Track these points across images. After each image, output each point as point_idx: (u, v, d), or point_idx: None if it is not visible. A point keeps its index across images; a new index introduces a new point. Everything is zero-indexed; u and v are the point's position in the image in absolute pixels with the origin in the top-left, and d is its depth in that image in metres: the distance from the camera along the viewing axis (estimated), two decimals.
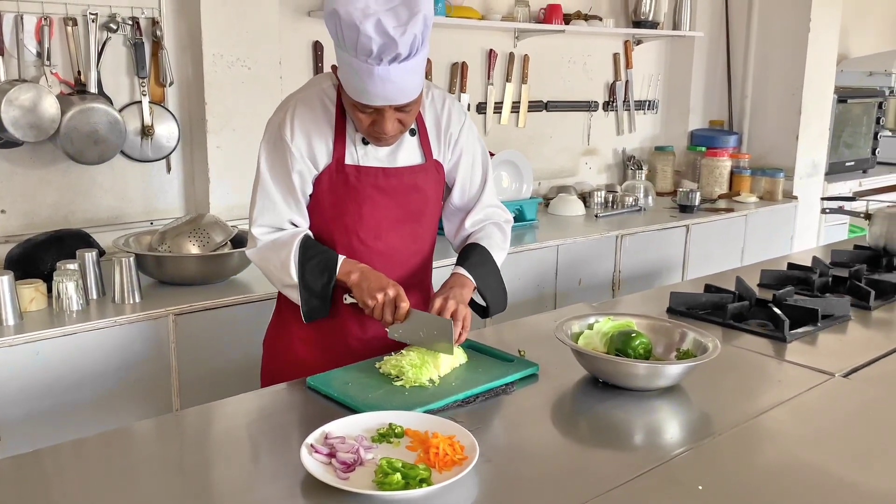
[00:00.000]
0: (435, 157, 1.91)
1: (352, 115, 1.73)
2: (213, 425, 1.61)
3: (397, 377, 1.67)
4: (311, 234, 1.83)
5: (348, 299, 1.81)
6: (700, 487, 1.30)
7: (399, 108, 1.68)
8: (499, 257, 1.98)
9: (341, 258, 1.80)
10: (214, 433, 1.59)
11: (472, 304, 1.90)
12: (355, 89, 1.63)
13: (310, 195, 1.84)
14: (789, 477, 1.36)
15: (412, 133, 1.86)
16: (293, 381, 1.73)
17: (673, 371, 1.67)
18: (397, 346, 1.81)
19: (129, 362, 2.34)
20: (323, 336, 1.89)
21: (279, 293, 1.97)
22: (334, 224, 1.84)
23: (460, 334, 1.77)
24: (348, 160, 1.80)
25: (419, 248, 1.95)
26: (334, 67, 1.75)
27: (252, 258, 1.87)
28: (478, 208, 2.00)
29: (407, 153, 1.86)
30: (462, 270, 1.89)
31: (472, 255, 1.92)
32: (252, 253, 1.86)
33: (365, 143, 1.81)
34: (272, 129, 1.82)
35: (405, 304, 1.73)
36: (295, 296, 1.81)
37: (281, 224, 1.83)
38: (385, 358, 1.72)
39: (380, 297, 1.73)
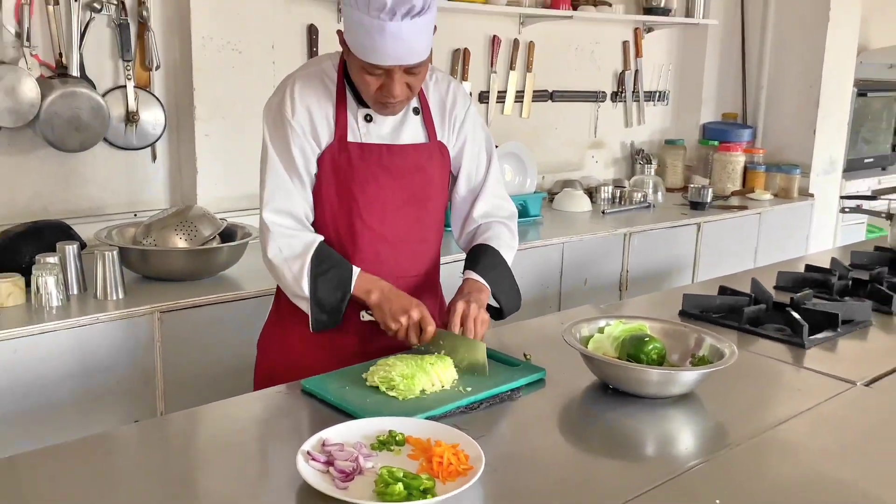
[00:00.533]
0: (439, 137, 1.94)
1: (359, 81, 1.76)
2: (201, 431, 1.60)
3: (389, 389, 1.64)
4: (323, 240, 1.84)
5: (366, 316, 1.82)
6: (717, 502, 1.30)
7: (408, 71, 1.72)
8: (509, 257, 2.01)
9: (356, 272, 1.81)
10: (202, 439, 1.58)
11: (486, 306, 1.91)
12: (365, 49, 1.67)
13: (315, 175, 1.85)
14: (810, 492, 1.36)
15: (416, 112, 1.91)
16: (287, 384, 1.72)
17: (688, 378, 1.67)
18: (408, 347, 1.83)
19: (112, 362, 2.33)
20: (326, 336, 1.89)
21: (278, 290, 1.98)
22: (339, 207, 1.86)
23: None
24: (350, 137, 1.83)
25: (426, 235, 1.97)
26: (340, 33, 1.77)
27: (266, 263, 1.86)
28: (484, 196, 2.03)
29: (410, 131, 1.90)
30: (476, 276, 1.91)
31: (483, 258, 1.95)
32: (268, 259, 1.84)
33: (367, 120, 1.84)
34: (272, 109, 1.85)
35: (431, 328, 1.77)
36: (305, 307, 1.82)
37: (291, 207, 1.83)
38: (371, 368, 1.70)
39: (403, 320, 1.76)
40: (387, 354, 1.77)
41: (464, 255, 2.04)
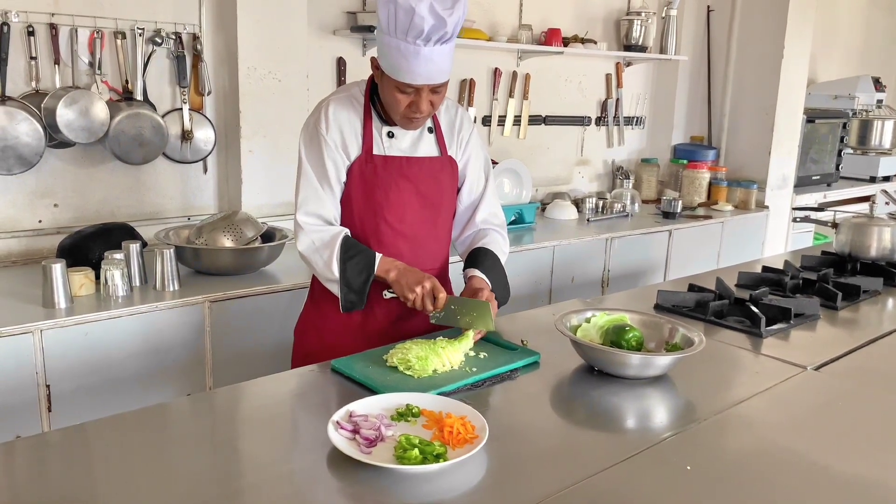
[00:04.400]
0: (449, 153, 1.95)
1: (390, 99, 1.76)
2: (244, 403, 1.60)
3: (406, 369, 1.63)
4: (349, 233, 1.84)
5: (388, 294, 1.81)
6: (688, 468, 1.29)
7: (433, 90, 1.74)
8: (503, 260, 2.02)
9: (378, 256, 1.81)
10: (245, 410, 1.57)
11: None
12: (401, 71, 1.68)
13: (344, 183, 1.85)
14: (766, 460, 1.35)
15: (430, 131, 1.92)
16: (319, 363, 1.71)
17: (662, 362, 1.66)
18: (426, 332, 1.82)
19: (168, 344, 2.33)
20: (355, 323, 1.89)
21: (312, 283, 1.97)
22: (365, 209, 1.86)
23: None
24: (376, 151, 1.84)
25: (439, 234, 1.97)
26: (373, 59, 1.78)
27: (301, 254, 1.86)
28: (483, 206, 2.04)
29: (426, 146, 1.91)
30: (481, 274, 1.92)
31: (485, 260, 1.96)
32: (301, 250, 1.84)
33: (390, 136, 1.85)
34: (310, 127, 1.85)
35: (443, 295, 1.76)
36: (336, 290, 1.82)
37: (322, 211, 1.83)
38: (391, 351, 1.69)
39: (418, 290, 1.75)
40: (405, 338, 1.77)
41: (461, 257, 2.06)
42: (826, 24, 5.62)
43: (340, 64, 3.32)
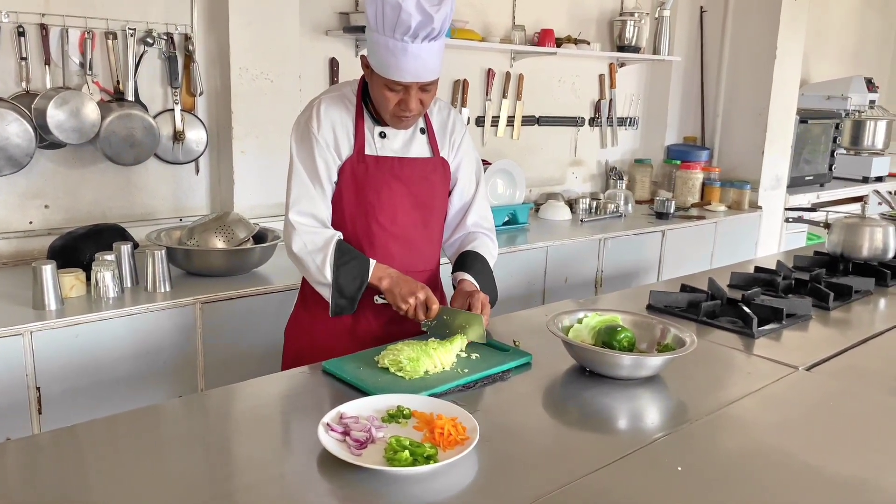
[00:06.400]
0: (441, 154, 1.95)
1: (380, 97, 1.76)
2: (236, 405, 1.59)
3: (398, 370, 1.63)
4: (342, 236, 1.84)
5: (379, 300, 1.82)
6: (679, 468, 1.29)
7: (422, 88, 1.74)
8: (492, 263, 2.04)
9: (372, 263, 1.81)
10: (236, 412, 1.57)
11: None
12: (389, 68, 1.68)
13: (335, 183, 1.85)
14: (758, 461, 1.35)
15: (422, 132, 1.92)
16: (310, 365, 1.71)
17: (654, 362, 1.66)
18: (414, 334, 1.83)
19: (159, 346, 2.33)
20: (346, 324, 1.89)
21: (303, 285, 1.97)
22: (357, 210, 1.86)
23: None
24: (368, 151, 1.84)
25: (430, 235, 1.97)
26: (363, 57, 1.78)
27: (294, 255, 1.85)
28: (474, 210, 2.04)
29: (418, 147, 1.91)
30: (470, 278, 1.93)
31: (476, 263, 1.97)
32: (295, 251, 1.84)
33: (382, 136, 1.85)
34: (301, 125, 1.85)
35: (436, 306, 1.77)
36: (326, 294, 1.82)
37: (314, 210, 1.83)
38: (382, 353, 1.68)
39: (412, 300, 1.76)
40: (396, 340, 1.77)
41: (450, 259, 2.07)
42: (819, 25, 5.65)
43: (333, 64, 3.32)
